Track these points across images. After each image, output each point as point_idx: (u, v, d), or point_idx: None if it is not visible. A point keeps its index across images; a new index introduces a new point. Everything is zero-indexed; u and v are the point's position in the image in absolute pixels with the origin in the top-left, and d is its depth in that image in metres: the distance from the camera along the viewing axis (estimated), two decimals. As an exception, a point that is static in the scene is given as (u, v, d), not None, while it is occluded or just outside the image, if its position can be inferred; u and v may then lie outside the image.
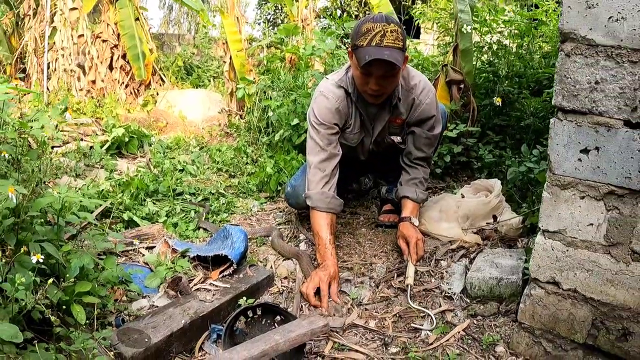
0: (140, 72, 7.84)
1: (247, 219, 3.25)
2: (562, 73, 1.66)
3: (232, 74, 6.04)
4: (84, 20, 7.73)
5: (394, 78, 2.57)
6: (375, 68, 2.48)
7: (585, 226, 1.76)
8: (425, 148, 2.88)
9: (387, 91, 2.64)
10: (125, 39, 7.94)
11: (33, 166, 1.74)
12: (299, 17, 6.25)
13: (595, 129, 1.66)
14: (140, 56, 7.85)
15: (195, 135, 5.74)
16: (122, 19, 7.97)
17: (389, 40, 2.43)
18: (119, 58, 8.15)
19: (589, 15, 1.59)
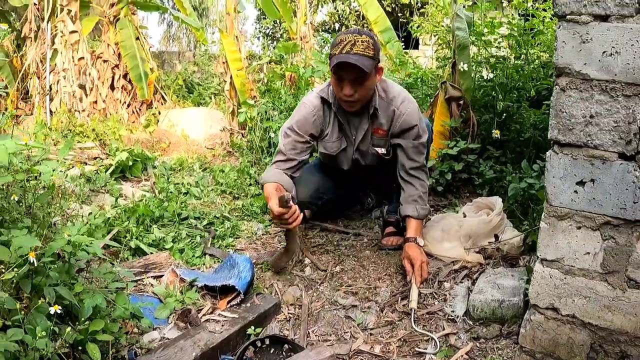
0: (144, 92, 7.91)
1: (252, 243, 3.28)
2: (557, 107, 1.70)
3: (232, 92, 6.09)
4: (84, 42, 7.79)
5: (365, 84, 2.75)
6: (345, 72, 2.69)
7: (582, 255, 1.81)
8: (416, 157, 2.96)
9: (360, 98, 2.80)
10: (127, 59, 8.00)
11: (44, 212, 1.79)
12: (298, 34, 6.31)
13: (591, 162, 1.70)
14: (143, 76, 7.92)
15: (198, 155, 5.78)
16: (123, 39, 8.03)
17: (359, 49, 2.65)
18: (120, 78, 8.22)
19: (583, 50, 1.64)
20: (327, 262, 2.97)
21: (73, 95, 7.58)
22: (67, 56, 7.60)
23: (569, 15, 1.64)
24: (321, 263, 2.95)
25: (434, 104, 4.12)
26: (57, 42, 7.57)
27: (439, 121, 3.99)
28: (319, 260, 2.99)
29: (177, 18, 8.43)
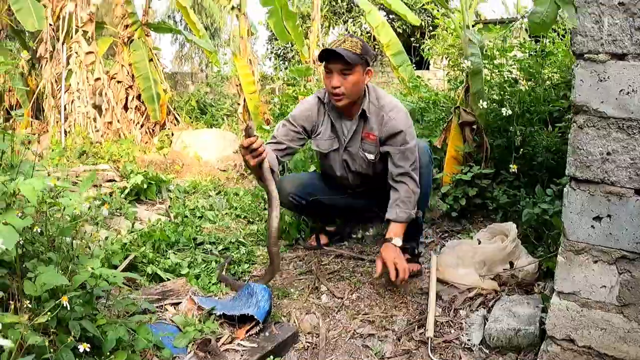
0: (156, 114, 7.98)
1: (268, 269, 3.30)
2: (575, 144, 1.72)
3: (246, 115, 6.16)
4: (100, 63, 7.89)
5: (350, 77, 2.96)
6: (332, 64, 2.95)
7: (598, 288, 1.83)
8: (402, 162, 3.05)
9: (347, 92, 2.99)
10: (140, 80, 8.09)
11: (68, 246, 1.82)
12: (311, 57, 6.37)
13: (607, 198, 1.73)
14: (155, 97, 7.99)
15: (212, 177, 5.82)
16: (137, 60, 8.13)
17: (347, 45, 2.93)
18: (134, 99, 8.32)
19: (601, 88, 1.66)
20: (344, 290, 2.98)
21: (87, 116, 7.66)
22: (82, 77, 7.70)
23: (587, 54, 1.67)
24: (337, 290, 2.97)
25: (447, 128, 4.13)
26: (71, 63, 7.67)
27: (453, 146, 4.00)
28: (335, 287, 3.01)
29: (191, 41, 8.53)
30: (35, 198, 1.46)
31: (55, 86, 7.78)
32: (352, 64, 2.92)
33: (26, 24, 6.97)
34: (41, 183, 1.49)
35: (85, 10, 7.76)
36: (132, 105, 8.33)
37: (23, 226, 1.45)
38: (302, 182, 3.50)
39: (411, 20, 6.98)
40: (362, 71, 3.02)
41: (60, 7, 7.64)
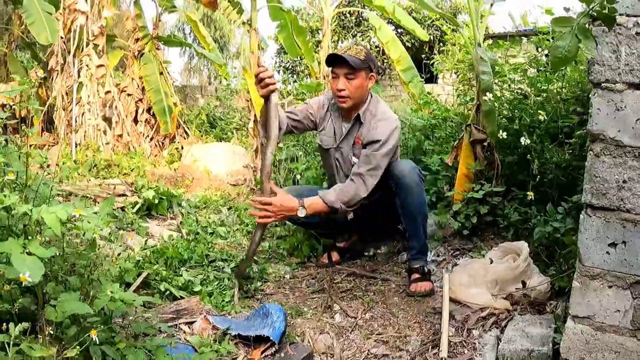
0: (167, 127, 8.03)
1: (280, 287, 3.31)
2: (591, 172, 1.74)
3: (256, 130, 6.17)
4: (110, 77, 7.94)
5: (354, 81, 3.23)
6: (338, 68, 3.23)
7: (612, 312, 1.85)
8: (362, 164, 3.22)
9: (350, 94, 3.25)
10: (151, 93, 8.14)
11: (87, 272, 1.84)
12: (321, 73, 6.40)
13: (623, 225, 1.74)
14: (167, 110, 8.04)
15: (222, 191, 5.84)
16: (147, 74, 8.19)
17: (352, 52, 3.22)
18: (144, 112, 8.38)
19: (618, 117, 1.68)
20: (357, 309, 2.99)
21: (97, 128, 7.71)
22: (92, 89, 7.76)
23: (604, 83, 1.68)
24: (351, 310, 2.98)
25: (458, 146, 4.14)
26: (82, 76, 7.73)
27: (464, 164, 4.01)
28: (348, 306, 3.02)
29: (201, 54, 8.58)
30: (59, 228, 1.48)
31: (66, 99, 7.83)
32: (356, 68, 3.19)
33: (39, 38, 7.03)
34: (64, 212, 1.50)
35: (96, 24, 7.83)
36: (142, 118, 8.39)
37: (47, 256, 1.47)
38: (302, 191, 3.56)
39: (420, 36, 7.02)
40: (366, 76, 3.28)
41: (71, 20, 7.71)
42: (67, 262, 1.85)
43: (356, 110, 3.36)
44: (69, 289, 1.74)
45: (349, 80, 3.23)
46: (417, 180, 3.27)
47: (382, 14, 7.54)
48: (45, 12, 7.10)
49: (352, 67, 3.19)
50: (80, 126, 7.74)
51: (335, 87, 3.27)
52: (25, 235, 1.70)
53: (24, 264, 1.39)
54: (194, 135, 8.75)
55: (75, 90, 7.72)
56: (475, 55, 4.05)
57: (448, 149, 4.60)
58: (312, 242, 3.79)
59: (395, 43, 6.67)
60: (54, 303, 1.58)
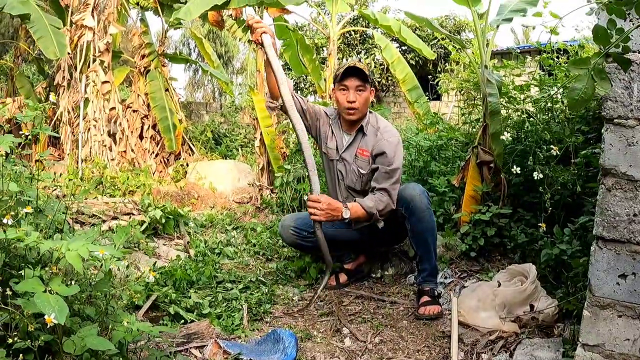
0: (172, 144, 8.06)
1: (289, 310, 3.32)
2: (603, 206, 1.76)
3: (262, 149, 6.20)
4: (115, 93, 7.99)
5: (363, 94, 3.37)
6: (350, 81, 3.33)
7: (622, 341, 1.87)
8: (382, 180, 3.32)
9: (359, 107, 3.38)
10: (156, 110, 8.18)
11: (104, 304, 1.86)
12: (327, 91, 6.43)
13: (633, 257, 1.77)
14: (171, 128, 8.08)
15: (227, 209, 5.86)
16: (153, 90, 8.24)
17: (360, 65, 3.35)
18: (149, 128, 8.41)
19: (629, 152, 1.70)
20: (366, 332, 3.00)
21: (103, 144, 7.75)
22: (98, 105, 7.81)
23: (616, 119, 1.70)
24: (360, 333, 2.98)
25: (465, 167, 4.16)
26: (88, 92, 7.77)
27: (471, 185, 4.03)
28: (357, 330, 3.02)
29: (206, 71, 8.64)
30: (80, 266, 1.49)
31: (72, 114, 7.88)
32: (367, 82, 3.37)
33: (47, 52, 7.09)
34: (85, 250, 1.52)
35: (103, 40, 7.89)
36: (148, 135, 8.43)
37: (70, 294, 1.49)
38: (302, 216, 3.71)
39: (426, 55, 7.06)
40: (370, 90, 3.43)
41: (78, 35, 7.78)
42: (83, 293, 1.87)
43: (358, 122, 3.47)
44: (85, 320, 1.75)
45: (358, 93, 3.35)
46: (427, 203, 3.34)
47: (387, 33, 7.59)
48: (53, 27, 7.17)
49: (363, 80, 3.34)
50: (85, 142, 7.78)
51: (345, 100, 3.36)
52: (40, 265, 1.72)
53: (49, 304, 1.41)
54: (199, 152, 8.79)
55: (82, 106, 7.77)
56: (482, 77, 4.08)
57: (454, 169, 4.62)
58: (319, 265, 3.80)
59: (401, 62, 6.72)
60: (73, 338, 1.60)
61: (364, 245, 3.75)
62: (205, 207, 6.36)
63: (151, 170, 7.91)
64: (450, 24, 16.47)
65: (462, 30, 16.42)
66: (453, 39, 4.51)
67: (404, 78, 6.48)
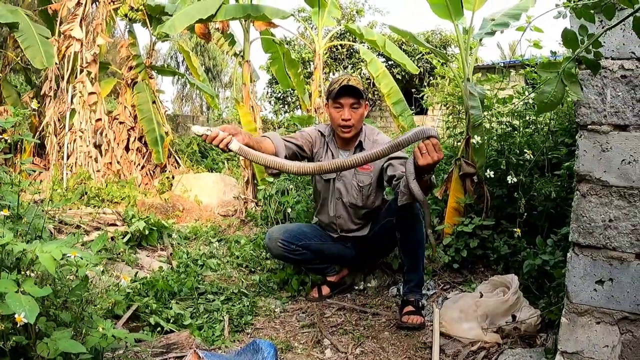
0: (160, 156, 8.05)
1: (271, 322, 3.30)
2: (578, 212, 1.77)
3: (247, 162, 6.19)
4: (102, 104, 7.97)
5: (358, 110, 3.34)
6: (345, 99, 3.29)
7: (601, 348, 1.87)
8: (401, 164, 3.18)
9: (355, 123, 3.34)
10: (144, 122, 8.17)
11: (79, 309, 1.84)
12: (312, 106, 6.45)
13: (610, 262, 1.77)
14: (159, 140, 8.06)
15: (212, 222, 5.84)
16: (140, 102, 8.23)
17: (353, 82, 3.30)
18: (135, 140, 8.38)
19: (603, 158, 1.72)
20: (347, 344, 2.98)
21: (89, 155, 7.71)
22: (85, 116, 7.78)
23: (590, 125, 1.72)
24: (341, 345, 2.97)
25: (448, 180, 4.18)
26: (75, 102, 7.75)
27: (454, 197, 4.04)
28: (338, 341, 3.01)
29: (193, 85, 8.64)
30: (54, 268, 1.48)
31: (58, 125, 7.85)
32: (362, 98, 3.33)
33: (35, 62, 7.09)
34: (59, 252, 1.51)
35: (90, 51, 7.88)
36: (134, 147, 8.40)
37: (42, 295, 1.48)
38: (290, 229, 3.68)
39: (410, 69, 7.11)
40: (364, 105, 3.40)
41: (66, 46, 7.76)
42: (59, 298, 1.85)
43: (356, 138, 3.45)
44: (60, 325, 1.73)
45: (354, 110, 3.32)
46: (417, 214, 3.29)
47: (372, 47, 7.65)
48: (41, 37, 7.17)
49: (358, 97, 3.31)
50: (71, 153, 7.74)
51: (339, 117, 3.33)
52: (17, 270, 1.71)
53: (20, 304, 1.40)
54: (185, 165, 8.77)
55: (67, 116, 7.74)
56: (465, 90, 4.11)
57: (438, 182, 4.63)
58: (301, 277, 3.79)
59: (386, 76, 6.76)
60: (46, 340, 1.58)
61: (350, 258, 3.74)
62: (190, 219, 6.35)
63: (137, 182, 7.88)
64: (436, 38, 16.61)
65: (448, 45, 16.56)
66: (436, 52, 4.54)
67: (388, 92, 6.53)
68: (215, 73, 27.89)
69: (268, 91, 17.47)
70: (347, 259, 3.76)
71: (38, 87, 8.45)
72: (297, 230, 3.65)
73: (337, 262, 3.80)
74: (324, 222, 3.67)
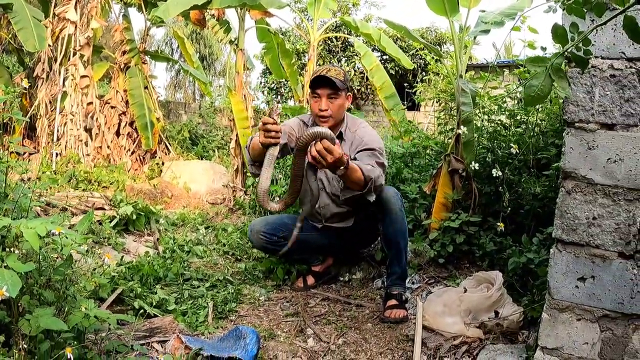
0: (149, 142, 8.01)
1: (255, 309, 3.31)
2: (562, 208, 1.78)
3: (237, 150, 6.19)
4: (93, 88, 7.92)
5: (336, 101, 3.32)
6: (322, 89, 3.28)
7: (581, 344, 1.89)
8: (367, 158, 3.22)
9: (333, 114, 3.32)
10: (135, 107, 8.13)
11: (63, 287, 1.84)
12: (304, 96, 6.44)
13: (592, 260, 1.79)
14: (149, 125, 8.02)
15: (200, 210, 5.84)
16: (132, 87, 8.18)
17: (332, 73, 3.28)
18: (127, 125, 8.35)
19: (589, 156, 1.73)
20: (330, 334, 2.99)
21: (79, 139, 7.67)
22: (76, 100, 7.73)
23: (577, 123, 1.73)
24: (324, 334, 2.98)
25: (437, 175, 4.19)
26: (67, 85, 7.70)
27: (442, 193, 4.05)
28: (321, 331, 3.03)
29: (187, 71, 8.60)
30: (38, 245, 1.48)
31: (50, 107, 7.80)
32: (339, 89, 3.29)
33: (27, 44, 7.04)
34: (43, 228, 1.51)
35: (84, 34, 7.82)
36: (125, 132, 8.36)
37: (25, 271, 1.47)
38: (271, 221, 3.68)
39: (405, 64, 7.11)
40: (345, 96, 3.38)
41: (60, 28, 7.71)
42: (43, 276, 1.85)
43: (336, 129, 3.42)
44: (43, 304, 1.73)
45: (331, 101, 3.30)
46: (400, 206, 3.34)
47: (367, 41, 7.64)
48: (34, 19, 7.11)
49: (335, 88, 3.27)
50: (61, 136, 7.70)
51: (317, 108, 3.32)
52: (2, 247, 1.70)
53: (2, 278, 1.39)
54: (175, 151, 8.74)
55: (59, 99, 7.69)
56: (457, 86, 4.12)
57: (427, 177, 4.65)
58: (287, 266, 3.80)
59: (380, 70, 6.76)
60: (28, 317, 1.58)
61: (333, 248, 3.75)
62: (178, 206, 6.33)
63: (126, 168, 7.85)
64: (431, 36, 16.61)
65: (443, 43, 16.57)
66: (431, 48, 4.55)
67: (381, 85, 6.52)
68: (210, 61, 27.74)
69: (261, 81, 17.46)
70: (331, 249, 3.77)
71: (30, 68, 8.39)
72: (279, 221, 3.64)
73: (321, 252, 3.81)
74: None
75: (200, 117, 10.67)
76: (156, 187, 6.72)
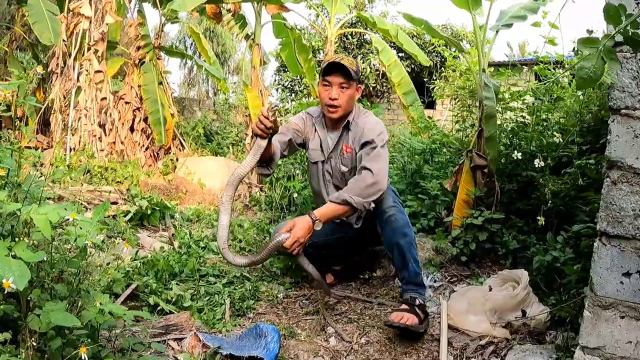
0: (161, 138, 7.96)
1: (273, 307, 3.22)
2: (607, 200, 1.69)
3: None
4: (107, 83, 7.89)
5: (347, 91, 3.20)
6: (333, 77, 3.17)
7: (624, 344, 1.80)
8: (364, 158, 3.12)
9: (343, 104, 3.21)
10: (148, 103, 8.08)
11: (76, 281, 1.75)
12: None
13: (638, 254, 1.69)
14: (162, 121, 7.98)
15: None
16: (146, 83, 8.14)
17: (345, 61, 3.17)
18: (141, 121, 8.31)
19: (636, 144, 1.63)
20: (352, 333, 2.90)
21: (93, 134, 7.64)
22: (91, 95, 7.71)
23: (624, 110, 1.64)
24: (346, 333, 2.88)
25: (458, 171, 4.10)
26: (81, 80, 7.68)
27: (464, 189, 3.96)
28: (343, 330, 2.93)
29: (201, 67, 8.54)
30: (49, 231, 1.39)
31: (63, 102, 7.77)
32: (351, 78, 3.18)
33: (42, 38, 7.03)
34: (56, 214, 1.42)
35: (98, 29, 7.79)
36: (139, 127, 8.32)
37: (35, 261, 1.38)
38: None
39: (422, 61, 7.01)
40: (355, 87, 3.26)
41: (74, 23, 7.69)
42: (54, 269, 1.76)
43: (344, 120, 3.31)
44: (55, 298, 1.65)
45: (342, 90, 3.19)
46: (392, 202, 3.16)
47: (384, 37, 7.56)
48: (49, 13, 7.10)
49: (347, 77, 3.17)
50: (75, 131, 7.67)
51: (327, 96, 3.20)
52: (12, 237, 1.61)
53: (9, 268, 1.30)
54: (190, 148, 8.69)
55: (73, 93, 7.66)
56: (480, 80, 4.04)
57: (447, 174, 4.56)
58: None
59: (398, 66, 6.67)
60: (38, 312, 1.49)
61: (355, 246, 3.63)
62: (192, 202, 6.27)
63: (140, 163, 7.81)
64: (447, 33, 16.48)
65: (459, 40, 16.44)
66: (451, 42, 4.45)
67: (399, 81, 6.44)
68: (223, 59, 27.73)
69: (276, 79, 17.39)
70: (352, 247, 3.65)
71: (45, 64, 8.37)
72: None
73: (342, 250, 3.68)
74: None
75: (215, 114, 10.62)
76: (170, 182, 6.67)
